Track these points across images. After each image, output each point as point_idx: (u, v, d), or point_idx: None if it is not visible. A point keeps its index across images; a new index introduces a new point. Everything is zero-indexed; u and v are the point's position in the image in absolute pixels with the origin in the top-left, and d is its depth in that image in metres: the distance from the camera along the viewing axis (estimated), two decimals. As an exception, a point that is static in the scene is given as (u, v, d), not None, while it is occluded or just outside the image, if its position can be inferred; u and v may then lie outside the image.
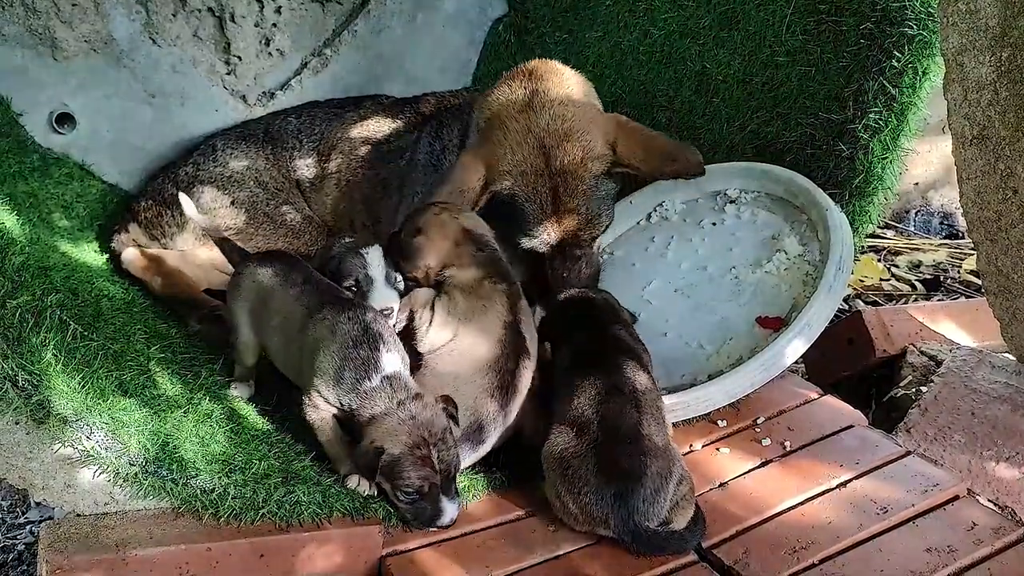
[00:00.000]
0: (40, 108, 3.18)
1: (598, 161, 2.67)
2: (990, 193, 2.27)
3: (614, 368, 2.26)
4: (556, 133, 2.65)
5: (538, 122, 2.66)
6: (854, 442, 2.45)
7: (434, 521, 2.10)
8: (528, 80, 2.75)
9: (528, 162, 2.65)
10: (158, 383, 2.24)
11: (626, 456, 2.10)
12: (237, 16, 3.31)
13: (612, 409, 2.17)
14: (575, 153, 2.65)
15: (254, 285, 2.37)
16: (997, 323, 2.48)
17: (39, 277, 2.21)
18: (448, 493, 2.11)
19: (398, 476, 2.07)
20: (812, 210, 2.67)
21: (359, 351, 2.14)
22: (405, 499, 2.10)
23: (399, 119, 3.20)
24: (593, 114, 2.74)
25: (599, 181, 2.68)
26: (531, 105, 2.69)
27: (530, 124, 2.67)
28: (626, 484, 2.06)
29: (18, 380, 1.91)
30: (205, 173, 3.11)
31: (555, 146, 2.64)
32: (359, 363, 2.13)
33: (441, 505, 2.10)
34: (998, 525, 2.16)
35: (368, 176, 3.15)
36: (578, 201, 2.66)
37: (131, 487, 2.03)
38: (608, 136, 2.69)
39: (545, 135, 2.65)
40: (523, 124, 2.67)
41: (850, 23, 2.72)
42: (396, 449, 2.06)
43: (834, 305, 2.51)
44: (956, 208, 4.21)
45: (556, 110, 2.68)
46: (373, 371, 2.13)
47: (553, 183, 2.65)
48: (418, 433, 2.07)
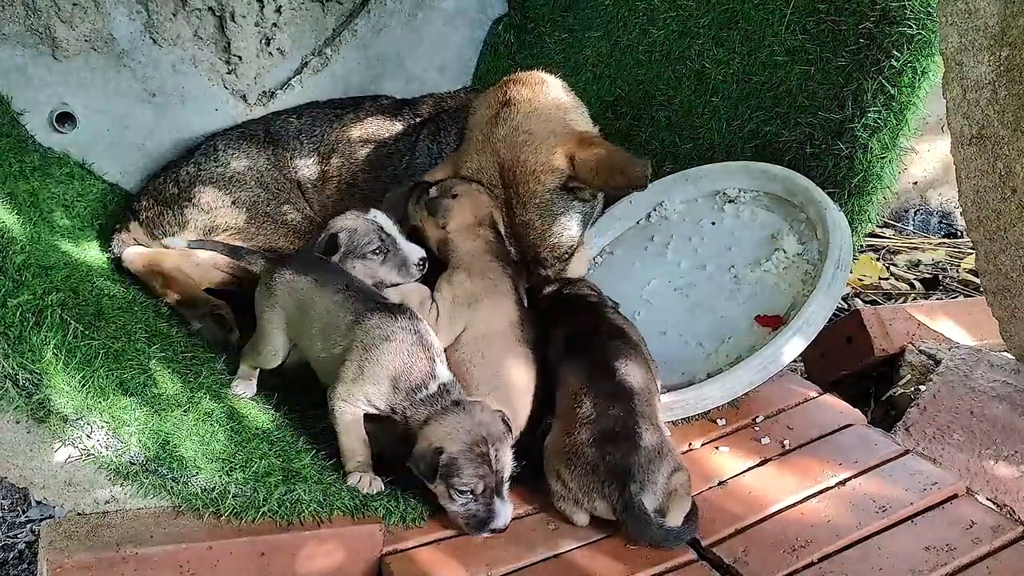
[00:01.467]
0: (40, 107, 3.18)
1: (551, 175, 2.64)
2: (989, 192, 2.27)
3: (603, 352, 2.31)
4: (511, 143, 2.66)
5: (497, 132, 2.68)
6: (853, 441, 2.46)
7: (487, 524, 2.10)
8: (504, 91, 2.78)
9: (484, 171, 2.68)
10: (159, 382, 2.24)
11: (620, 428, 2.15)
12: (237, 15, 3.31)
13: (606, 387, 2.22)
14: (527, 164, 2.64)
15: (292, 293, 2.35)
16: (996, 322, 2.48)
17: (40, 276, 2.21)
18: (501, 496, 2.11)
19: (455, 474, 2.07)
20: (811, 209, 2.67)
21: (416, 360, 2.17)
22: (460, 499, 2.10)
23: (398, 121, 3.21)
24: (556, 127, 2.69)
25: (556, 195, 2.65)
26: (498, 116, 2.71)
27: (491, 133, 2.69)
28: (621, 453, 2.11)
29: (19, 379, 1.92)
30: (206, 173, 3.11)
31: (509, 156, 2.65)
32: (416, 372, 2.16)
33: (495, 507, 2.10)
34: (997, 524, 2.17)
35: (368, 178, 3.16)
36: (531, 215, 2.65)
37: (132, 486, 2.03)
38: (568, 150, 2.65)
39: (502, 146, 2.67)
40: (486, 133, 2.70)
41: (849, 23, 2.72)
42: (455, 447, 2.07)
43: (833, 304, 2.51)
44: (955, 207, 4.21)
45: (517, 121, 2.68)
46: (430, 379, 2.16)
47: (507, 194, 2.66)
48: (477, 432, 2.09)
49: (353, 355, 2.20)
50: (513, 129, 2.67)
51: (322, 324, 2.28)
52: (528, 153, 2.64)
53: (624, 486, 2.09)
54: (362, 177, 3.16)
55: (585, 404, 2.21)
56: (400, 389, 2.16)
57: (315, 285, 2.33)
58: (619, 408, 2.19)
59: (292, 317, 2.36)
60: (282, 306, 2.36)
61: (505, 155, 2.65)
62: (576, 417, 2.21)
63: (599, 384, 2.24)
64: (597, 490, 2.12)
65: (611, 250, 3.03)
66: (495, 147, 2.67)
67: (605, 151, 2.63)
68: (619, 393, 2.22)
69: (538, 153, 2.64)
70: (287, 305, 2.36)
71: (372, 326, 2.21)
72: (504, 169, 2.66)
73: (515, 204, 2.66)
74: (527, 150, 2.65)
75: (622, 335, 2.39)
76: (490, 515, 2.10)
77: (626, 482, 2.09)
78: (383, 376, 2.17)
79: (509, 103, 2.74)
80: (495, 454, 2.09)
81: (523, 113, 2.70)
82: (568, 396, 2.27)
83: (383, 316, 2.22)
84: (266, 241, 3.00)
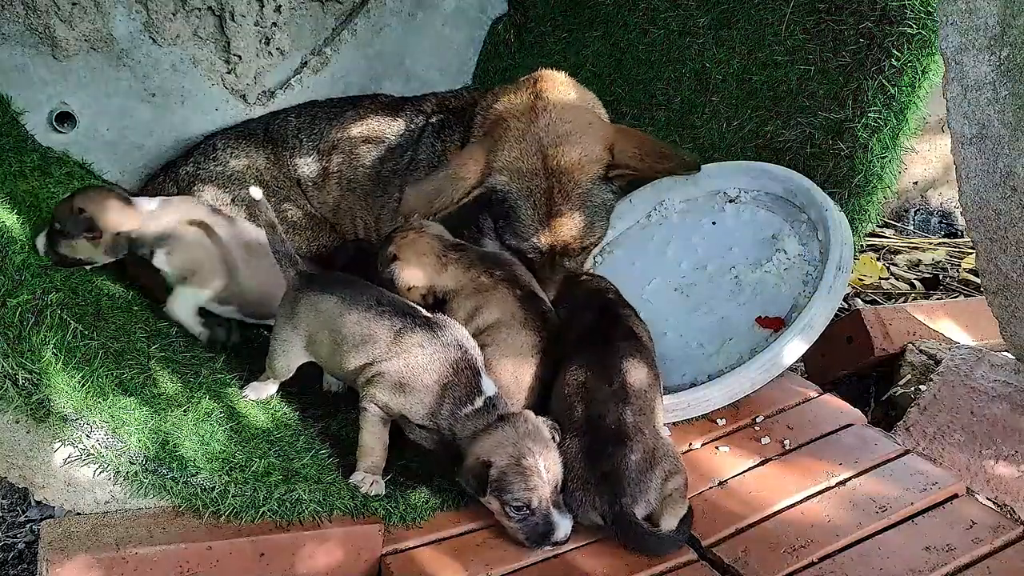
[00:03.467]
0: (40, 107, 3.18)
1: (595, 164, 2.68)
2: (989, 192, 2.27)
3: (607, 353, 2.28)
4: (554, 134, 2.67)
5: (538, 121, 2.69)
6: (853, 440, 2.45)
7: (548, 538, 2.06)
8: (533, 86, 2.81)
9: (524, 160, 2.67)
10: (158, 382, 2.24)
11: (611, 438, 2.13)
12: (237, 15, 3.31)
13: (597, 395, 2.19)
14: (572, 154, 2.66)
15: (316, 313, 2.28)
16: (996, 322, 2.48)
17: (39, 276, 2.21)
18: (559, 507, 2.08)
19: (507, 490, 2.04)
20: (812, 209, 2.67)
21: (461, 376, 2.15)
22: (516, 515, 2.07)
23: (399, 118, 3.21)
24: (592, 119, 2.77)
25: (595, 186, 2.69)
26: (533, 108, 2.73)
27: (530, 124, 2.69)
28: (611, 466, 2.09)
29: (18, 379, 1.91)
30: (205, 172, 3.11)
31: (552, 146, 2.66)
32: (461, 389, 2.14)
33: (553, 519, 2.06)
34: (997, 524, 2.17)
35: (369, 175, 3.15)
36: (572, 205, 2.66)
37: (131, 485, 2.03)
38: (606, 140, 2.71)
39: (544, 135, 2.68)
40: (524, 124, 2.70)
41: (849, 22, 2.72)
42: (503, 461, 2.05)
43: (834, 305, 2.51)
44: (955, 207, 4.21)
45: (556, 113, 2.71)
46: (476, 395, 2.14)
47: (549, 183, 2.66)
48: (524, 444, 2.06)
49: (394, 366, 2.17)
50: (554, 120, 2.69)
51: (355, 341, 2.23)
52: (572, 142, 2.67)
53: (615, 497, 2.07)
54: (363, 174, 3.16)
55: (577, 409, 2.19)
56: (445, 405, 2.13)
57: (341, 303, 2.27)
58: (611, 416, 2.16)
59: (316, 337, 2.30)
60: (305, 328, 2.30)
61: (548, 145, 2.66)
62: (568, 423, 2.18)
63: (594, 388, 2.21)
64: (589, 503, 2.10)
65: (611, 250, 3.03)
66: (537, 136, 2.67)
67: (645, 138, 2.76)
68: (613, 399, 2.19)
69: (581, 142, 2.67)
70: (310, 326, 2.30)
71: (415, 343, 2.18)
72: (547, 158, 2.66)
73: (556, 194, 2.66)
74: (572, 139, 2.67)
75: (632, 336, 2.36)
76: (549, 528, 2.05)
77: (617, 494, 2.07)
78: (425, 391, 2.15)
79: (541, 96, 2.76)
80: (544, 464, 2.05)
81: (560, 105, 2.73)
82: (562, 398, 2.24)
83: (425, 331, 2.19)
84: (266, 240, 3.00)
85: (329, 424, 2.45)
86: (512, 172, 2.68)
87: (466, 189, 2.70)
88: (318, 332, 2.29)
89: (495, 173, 2.69)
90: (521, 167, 2.67)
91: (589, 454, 2.12)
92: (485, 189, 2.71)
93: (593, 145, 2.69)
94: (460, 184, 2.70)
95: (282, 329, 2.34)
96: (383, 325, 2.22)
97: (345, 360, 2.25)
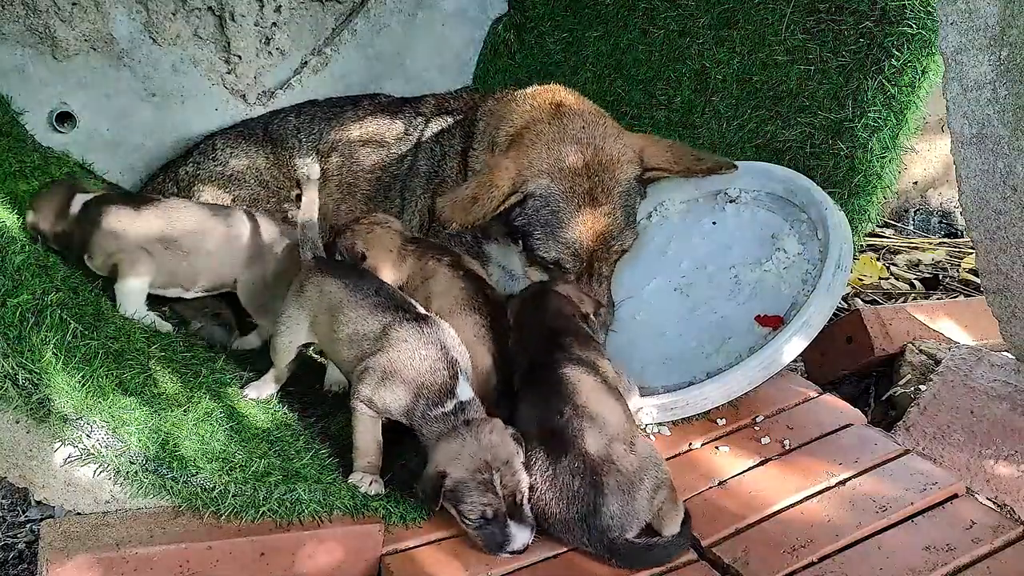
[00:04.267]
0: (40, 107, 3.19)
1: (632, 164, 2.72)
2: (989, 192, 2.27)
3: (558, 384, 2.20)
4: (592, 135, 2.71)
5: (572, 126, 2.72)
6: (853, 440, 2.45)
7: (504, 547, 2.06)
8: (551, 96, 2.84)
9: (566, 160, 2.67)
10: (158, 382, 2.24)
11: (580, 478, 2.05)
12: (237, 15, 3.31)
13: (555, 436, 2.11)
14: (612, 152, 2.69)
15: (321, 295, 2.34)
16: (996, 322, 2.48)
17: (39, 276, 2.21)
18: (517, 518, 2.07)
19: (461, 501, 2.05)
20: (811, 209, 2.67)
21: (437, 376, 2.15)
22: (471, 524, 2.08)
23: (398, 119, 3.20)
24: (617, 126, 2.82)
25: (632, 186, 2.71)
26: (559, 113, 2.76)
27: (565, 128, 2.72)
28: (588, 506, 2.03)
29: (19, 379, 1.92)
30: (205, 172, 3.12)
31: (592, 145, 2.69)
32: (436, 387, 2.14)
33: (509, 531, 2.05)
34: (997, 523, 2.17)
35: (369, 179, 3.15)
36: (614, 203, 2.67)
37: (131, 485, 2.03)
38: (634, 146, 2.75)
39: (581, 135, 2.71)
40: (557, 128, 2.72)
41: (849, 22, 2.72)
42: (457, 473, 2.05)
43: (833, 304, 2.51)
44: (955, 207, 4.21)
45: (587, 117, 2.76)
46: (448, 397, 2.14)
47: (591, 182, 2.66)
48: (480, 457, 2.05)
49: (379, 361, 2.19)
50: (588, 124, 2.73)
51: (350, 329, 2.27)
52: (611, 143, 2.70)
53: (603, 534, 2.03)
54: (363, 176, 3.16)
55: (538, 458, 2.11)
56: (419, 403, 2.14)
57: (345, 289, 2.32)
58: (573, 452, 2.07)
59: (319, 318, 2.34)
60: (310, 307, 2.35)
61: (587, 147, 2.68)
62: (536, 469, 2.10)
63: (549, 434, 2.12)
64: (579, 540, 2.06)
65: (611, 250, 3.03)
66: (576, 137, 2.70)
67: (670, 143, 2.82)
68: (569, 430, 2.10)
69: (618, 144, 2.71)
70: (315, 306, 2.35)
71: (400, 338, 2.19)
72: (588, 160, 2.67)
73: (600, 194, 2.67)
74: (608, 140, 2.70)
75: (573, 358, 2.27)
76: (505, 538, 2.06)
77: (604, 531, 2.03)
78: (403, 387, 2.16)
79: (563, 104, 2.80)
80: (500, 480, 2.04)
81: (585, 111, 2.78)
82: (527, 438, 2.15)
83: (412, 326, 2.21)
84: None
85: (329, 424, 2.45)
86: (553, 174, 2.66)
87: (502, 196, 2.67)
88: (320, 313, 2.33)
89: (533, 178, 2.67)
90: (563, 167, 2.67)
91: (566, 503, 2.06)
92: (522, 195, 2.68)
93: (627, 148, 2.73)
94: (495, 192, 2.67)
95: (289, 306, 2.39)
96: (376, 318, 2.25)
97: (339, 347, 2.29)
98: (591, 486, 2.04)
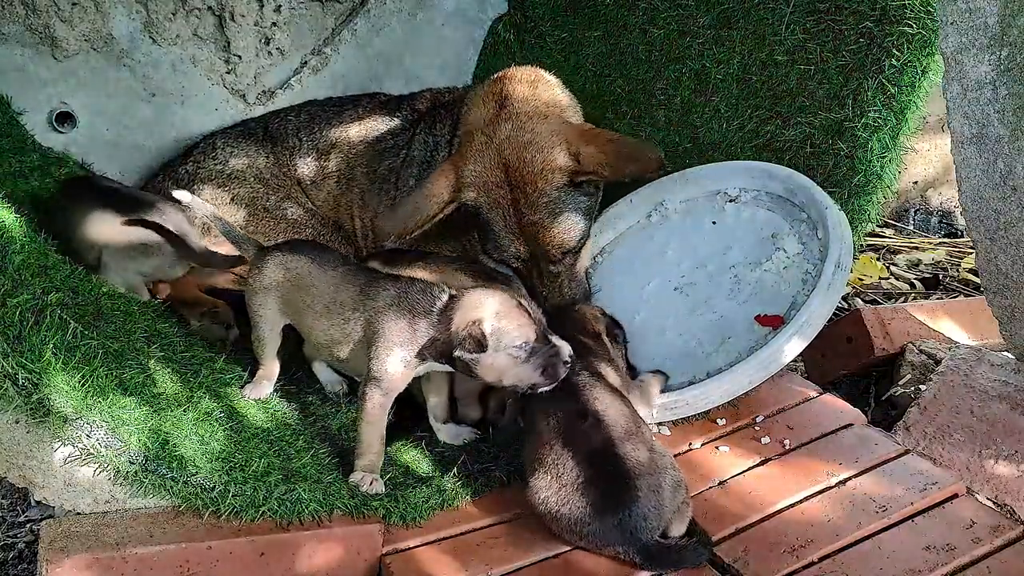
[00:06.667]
0: (40, 107, 3.19)
1: (559, 172, 2.64)
2: (989, 192, 2.27)
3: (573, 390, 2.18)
4: (516, 144, 2.65)
5: (499, 133, 2.68)
6: (853, 440, 2.45)
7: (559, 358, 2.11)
8: (499, 89, 2.78)
9: (489, 173, 2.66)
10: (158, 381, 2.24)
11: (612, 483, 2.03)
12: (237, 15, 3.31)
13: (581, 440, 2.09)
14: (534, 164, 2.64)
15: (286, 272, 2.37)
16: (996, 321, 2.48)
17: (39, 276, 2.21)
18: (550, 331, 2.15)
19: (506, 334, 2.09)
20: (811, 209, 2.67)
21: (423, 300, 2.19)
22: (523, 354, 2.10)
23: (396, 116, 3.21)
24: (556, 125, 2.71)
25: (563, 193, 2.66)
26: (497, 117, 2.71)
27: (492, 135, 2.68)
28: (622, 511, 2.01)
29: (18, 378, 1.91)
30: (205, 171, 3.12)
31: (514, 157, 2.64)
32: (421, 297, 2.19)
33: (555, 341, 2.13)
34: (997, 523, 2.17)
35: (367, 174, 3.16)
36: (541, 214, 2.64)
37: (131, 485, 2.03)
38: (571, 146, 2.66)
39: (505, 146, 2.66)
40: (487, 135, 2.69)
41: (849, 22, 2.72)
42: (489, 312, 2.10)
43: (833, 304, 2.51)
44: (955, 207, 4.21)
45: (518, 122, 2.68)
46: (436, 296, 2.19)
47: (514, 195, 2.65)
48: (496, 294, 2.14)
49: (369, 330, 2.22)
50: (515, 129, 2.67)
51: (326, 300, 2.30)
52: (533, 152, 2.64)
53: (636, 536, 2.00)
54: (360, 172, 3.16)
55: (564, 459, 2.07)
56: (418, 324, 2.17)
57: (311, 263, 2.36)
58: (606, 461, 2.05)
59: (288, 296, 2.37)
60: (276, 286, 2.38)
61: (510, 156, 2.64)
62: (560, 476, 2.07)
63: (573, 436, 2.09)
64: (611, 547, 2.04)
65: (611, 250, 3.03)
66: (499, 149, 2.66)
67: (611, 141, 2.66)
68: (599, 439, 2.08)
69: (543, 152, 2.64)
70: (281, 285, 2.38)
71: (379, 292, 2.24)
72: (510, 171, 2.65)
73: (523, 205, 2.65)
74: (531, 150, 2.64)
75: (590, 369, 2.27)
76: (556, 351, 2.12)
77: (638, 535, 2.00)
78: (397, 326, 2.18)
79: (506, 101, 2.74)
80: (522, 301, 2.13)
81: (523, 112, 2.70)
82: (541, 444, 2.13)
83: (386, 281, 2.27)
84: (266, 237, 3.00)
85: (329, 424, 2.45)
86: (478, 187, 2.67)
87: (440, 205, 2.69)
88: (289, 291, 2.37)
89: (464, 189, 2.69)
90: (486, 180, 2.66)
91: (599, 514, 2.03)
92: (458, 204, 2.70)
93: (556, 153, 2.64)
94: (433, 201, 2.69)
95: (254, 295, 2.42)
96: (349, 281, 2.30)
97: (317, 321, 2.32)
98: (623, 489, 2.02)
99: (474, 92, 2.91)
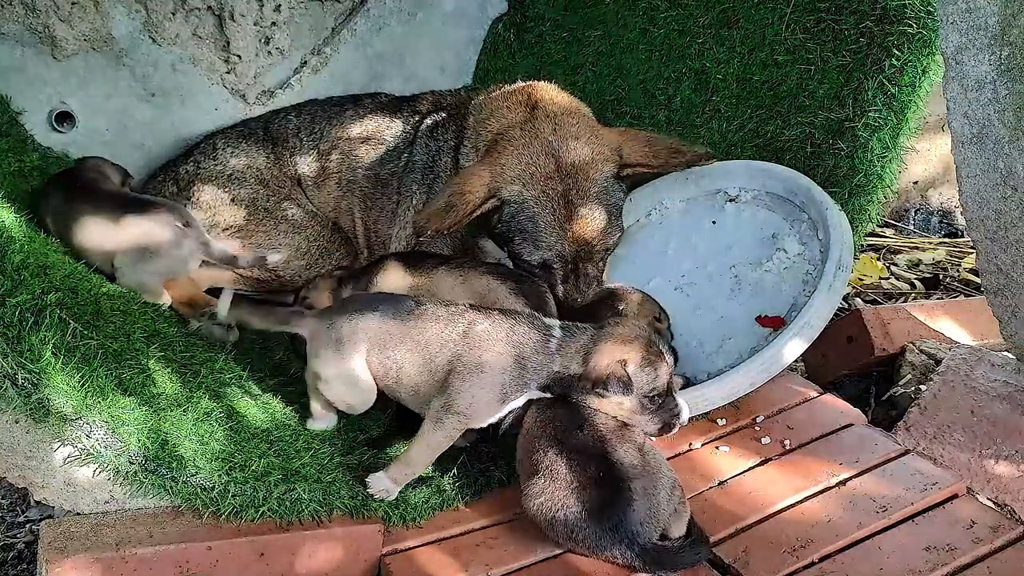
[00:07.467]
0: (40, 107, 3.18)
1: (608, 162, 2.67)
2: (989, 191, 2.27)
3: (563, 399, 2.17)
4: (564, 136, 2.67)
5: (543, 129, 2.69)
6: (853, 440, 2.45)
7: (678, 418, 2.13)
8: (525, 97, 2.81)
9: (537, 165, 2.64)
10: (157, 381, 2.24)
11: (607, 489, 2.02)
12: (236, 15, 3.31)
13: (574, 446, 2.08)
14: (584, 152, 2.65)
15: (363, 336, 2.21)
16: (996, 321, 2.48)
17: (39, 276, 2.21)
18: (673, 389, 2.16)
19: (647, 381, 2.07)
20: (812, 209, 2.67)
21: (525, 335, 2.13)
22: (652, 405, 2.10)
23: (397, 118, 3.21)
24: (594, 123, 2.78)
25: (610, 184, 2.67)
26: (534, 116, 2.73)
27: (536, 131, 2.69)
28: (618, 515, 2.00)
29: (18, 378, 1.91)
30: (205, 171, 3.11)
31: (563, 148, 2.65)
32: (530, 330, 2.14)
33: (678, 401, 2.14)
34: (997, 523, 2.17)
35: (368, 176, 3.15)
36: (590, 203, 2.63)
37: (131, 485, 2.03)
38: (612, 143, 2.70)
39: (552, 138, 2.66)
40: (528, 132, 2.69)
41: (850, 21, 2.72)
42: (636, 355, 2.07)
43: (834, 304, 2.51)
44: (955, 206, 4.21)
45: (557, 120, 2.71)
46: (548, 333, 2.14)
47: (564, 185, 2.63)
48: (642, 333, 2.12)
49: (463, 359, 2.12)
50: (559, 125, 2.69)
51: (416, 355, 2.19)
52: (583, 144, 2.66)
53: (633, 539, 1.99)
54: (362, 174, 3.16)
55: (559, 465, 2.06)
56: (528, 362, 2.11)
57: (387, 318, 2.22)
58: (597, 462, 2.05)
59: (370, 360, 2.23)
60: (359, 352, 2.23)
61: (559, 148, 2.65)
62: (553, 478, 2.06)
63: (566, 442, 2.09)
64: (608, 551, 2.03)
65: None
66: (546, 140, 2.66)
67: (649, 138, 2.78)
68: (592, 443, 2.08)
69: (591, 144, 2.67)
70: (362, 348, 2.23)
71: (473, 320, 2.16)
72: (560, 159, 2.64)
73: (574, 196, 2.63)
74: (580, 142, 2.67)
75: None
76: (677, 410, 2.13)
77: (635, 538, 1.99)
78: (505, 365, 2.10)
79: (538, 104, 2.77)
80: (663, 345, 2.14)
81: (559, 113, 2.74)
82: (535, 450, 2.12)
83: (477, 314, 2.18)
84: (266, 237, 3.00)
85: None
86: (525, 179, 2.64)
87: (475, 203, 2.65)
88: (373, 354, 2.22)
89: (506, 185, 2.65)
90: (534, 172, 2.64)
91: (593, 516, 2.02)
92: (496, 202, 2.67)
93: (602, 144, 2.69)
94: (468, 199, 2.65)
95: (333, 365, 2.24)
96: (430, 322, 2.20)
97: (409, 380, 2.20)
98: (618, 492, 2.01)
99: (488, 101, 2.90)
